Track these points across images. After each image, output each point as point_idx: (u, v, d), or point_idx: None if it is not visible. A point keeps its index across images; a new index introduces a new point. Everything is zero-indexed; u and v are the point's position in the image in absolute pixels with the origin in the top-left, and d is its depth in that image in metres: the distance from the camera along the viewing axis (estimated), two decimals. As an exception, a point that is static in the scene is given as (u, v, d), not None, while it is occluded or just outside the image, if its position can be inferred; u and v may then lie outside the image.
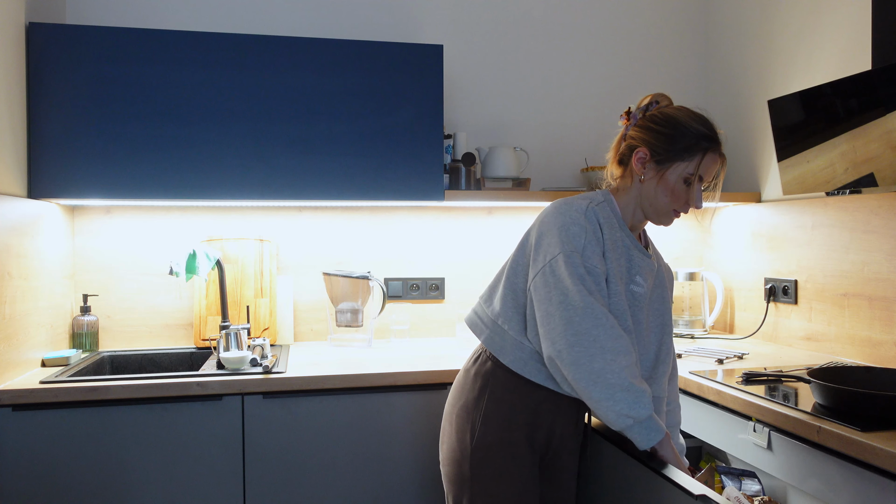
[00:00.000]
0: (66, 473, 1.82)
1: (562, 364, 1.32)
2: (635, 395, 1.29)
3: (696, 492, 1.19)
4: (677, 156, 1.45)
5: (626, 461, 1.41)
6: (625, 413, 1.29)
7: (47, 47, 2.03)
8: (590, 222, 1.42)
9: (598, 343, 1.30)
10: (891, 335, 1.97)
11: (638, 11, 2.83)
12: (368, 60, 2.23)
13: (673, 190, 1.46)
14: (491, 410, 1.46)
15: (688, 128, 1.46)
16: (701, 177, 1.46)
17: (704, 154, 1.45)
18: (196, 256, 2.17)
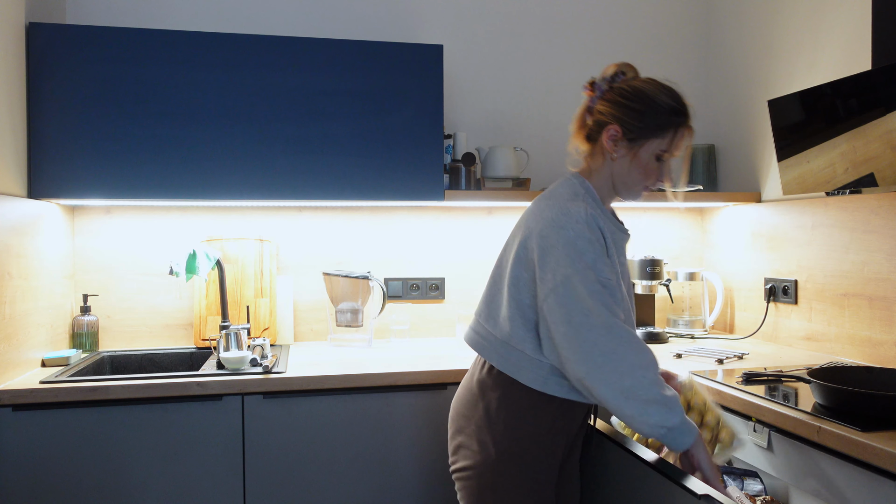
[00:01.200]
0: (66, 473, 1.82)
1: (591, 385, 1.30)
2: (667, 406, 1.28)
3: (699, 491, 1.19)
4: (650, 133, 1.42)
5: (629, 461, 1.41)
6: (658, 424, 1.28)
7: (47, 47, 2.03)
8: (593, 231, 1.37)
9: (627, 361, 1.29)
10: (891, 335, 1.97)
11: (638, 11, 2.83)
12: (368, 60, 2.23)
13: (646, 167, 1.44)
14: (512, 421, 1.44)
15: (659, 103, 1.42)
16: (674, 154, 1.45)
17: (677, 130, 1.43)
18: (196, 256, 2.17)
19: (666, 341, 2.49)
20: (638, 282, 2.56)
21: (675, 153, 1.44)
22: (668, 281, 2.61)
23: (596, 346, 1.29)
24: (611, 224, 1.48)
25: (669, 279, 2.63)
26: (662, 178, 1.46)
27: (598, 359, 1.29)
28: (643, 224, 2.83)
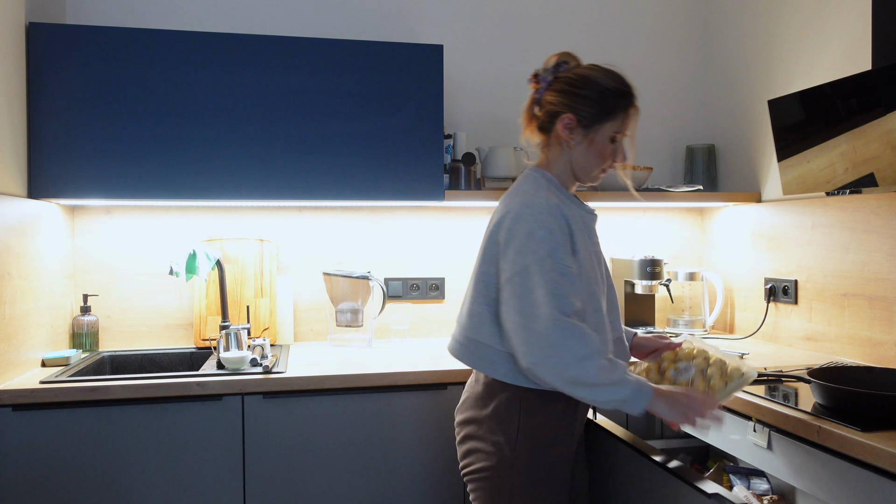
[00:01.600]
0: (66, 473, 1.82)
1: (539, 374, 1.35)
2: (614, 385, 1.33)
3: (709, 490, 1.19)
4: (603, 117, 1.47)
5: (639, 462, 1.41)
6: (608, 400, 1.33)
7: (47, 47, 2.03)
8: (555, 220, 1.41)
9: (572, 352, 1.32)
10: (891, 335, 1.97)
11: (638, 11, 2.83)
12: (368, 60, 2.23)
13: (602, 150, 1.49)
14: (526, 420, 1.45)
15: (608, 88, 1.49)
16: (627, 133, 1.51)
17: (626, 111, 1.49)
18: (196, 256, 2.17)
19: (666, 341, 2.49)
20: (638, 282, 2.56)
21: (626, 133, 1.51)
22: (668, 281, 2.61)
23: (542, 338, 1.33)
24: (577, 209, 1.53)
25: (669, 279, 2.63)
26: (617, 157, 1.52)
27: (545, 350, 1.33)
28: (643, 224, 2.83)
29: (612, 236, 2.80)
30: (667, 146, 2.87)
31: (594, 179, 1.55)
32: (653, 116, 2.85)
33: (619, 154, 1.51)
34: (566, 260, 1.38)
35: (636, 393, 1.33)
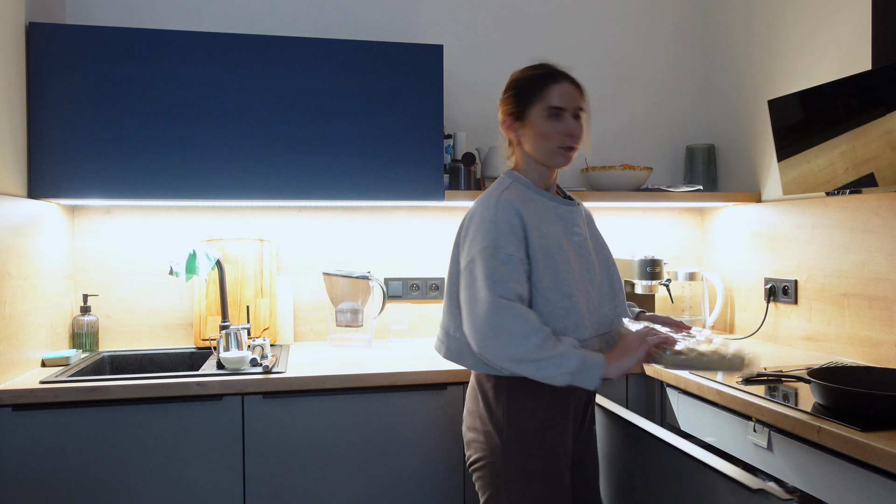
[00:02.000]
0: (66, 473, 1.82)
1: (487, 356, 1.42)
2: (560, 358, 1.37)
3: (754, 486, 1.18)
4: (529, 102, 1.54)
5: (676, 457, 1.40)
6: (557, 374, 1.38)
7: (47, 47, 2.03)
8: (503, 211, 1.48)
9: (511, 331, 1.38)
10: (891, 335, 1.97)
11: (638, 11, 2.83)
12: (368, 60, 2.23)
13: (543, 131, 1.53)
14: (509, 410, 1.50)
15: (525, 77, 1.57)
16: (560, 107, 1.52)
17: (549, 86, 1.53)
18: (196, 256, 2.17)
19: (666, 341, 2.49)
20: (638, 282, 2.56)
21: (563, 104, 1.52)
22: (668, 281, 2.61)
23: (484, 321, 1.40)
24: (548, 202, 1.57)
25: (669, 279, 2.63)
26: (571, 132, 1.53)
27: (487, 332, 1.40)
28: (643, 224, 2.84)
29: (613, 236, 2.80)
30: (667, 146, 2.87)
31: (558, 159, 1.56)
32: (653, 116, 2.85)
33: (571, 129, 1.53)
34: (509, 248, 1.45)
35: (585, 364, 1.38)
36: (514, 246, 1.46)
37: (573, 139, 1.53)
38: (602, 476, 1.73)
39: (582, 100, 1.56)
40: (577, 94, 1.55)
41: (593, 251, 1.61)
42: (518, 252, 1.46)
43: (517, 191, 1.55)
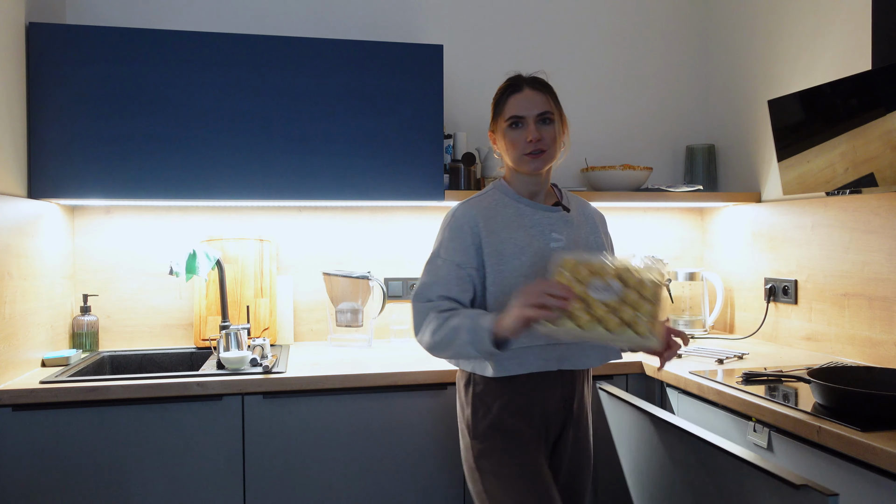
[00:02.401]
0: (66, 473, 1.82)
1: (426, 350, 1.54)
2: (452, 334, 1.45)
3: (797, 482, 1.17)
4: (497, 115, 1.61)
5: (715, 455, 1.39)
6: (464, 349, 1.44)
7: (47, 47, 2.03)
8: (457, 219, 1.57)
9: (422, 327, 1.52)
10: (891, 335, 1.97)
11: (638, 11, 2.83)
12: (368, 60, 2.23)
13: (508, 140, 1.58)
14: (473, 407, 1.57)
15: (497, 92, 1.63)
16: (518, 115, 1.55)
17: (509, 98, 1.58)
18: (196, 256, 2.17)
19: (666, 341, 2.49)
20: (638, 282, 2.56)
21: (522, 112, 1.55)
22: (668, 281, 2.61)
23: (413, 323, 1.56)
24: (521, 208, 1.60)
25: (669, 279, 2.63)
26: (532, 137, 1.54)
27: (416, 333, 1.55)
28: (643, 224, 2.84)
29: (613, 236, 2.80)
30: (667, 146, 2.87)
31: (527, 166, 1.58)
32: (653, 116, 2.85)
33: (529, 134, 1.55)
34: (450, 254, 1.54)
35: (475, 332, 1.41)
36: (457, 251, 1.54)
37: (536, 144, 1.54)
38: (636, 475, 1.73)
39: (548, 104, 1.56)
40: (541, 100, 1.56)
41: None
42: (460, 257, 1.53)
43: (492, 198, 1.61)
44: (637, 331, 1.36)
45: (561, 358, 1.56)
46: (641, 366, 2.12)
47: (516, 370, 1.52)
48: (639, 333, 1.36)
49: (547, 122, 1.56)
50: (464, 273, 1.53)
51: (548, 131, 1.55)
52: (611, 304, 1.38)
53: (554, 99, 1.59)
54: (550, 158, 1.58)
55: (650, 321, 1.37)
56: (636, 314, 1.37)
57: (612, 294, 1.38)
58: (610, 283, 1.38)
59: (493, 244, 1.53)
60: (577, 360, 1.58)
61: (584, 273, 1.39)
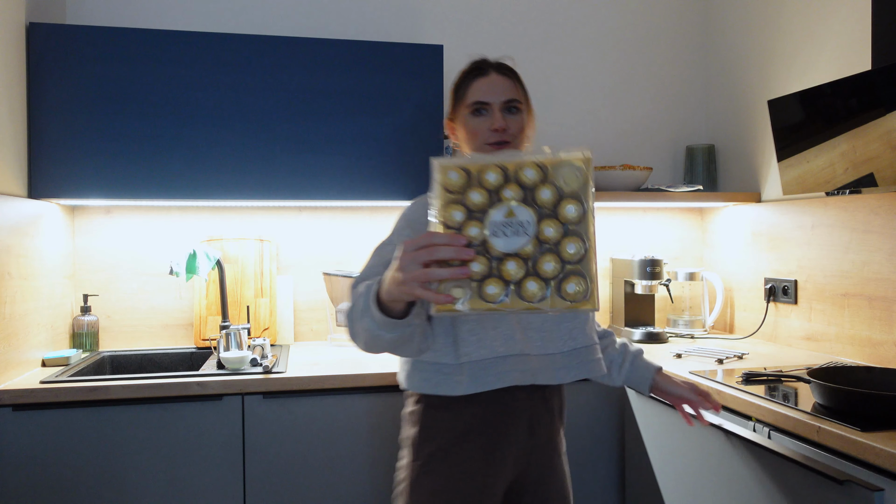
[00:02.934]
0: (66, 473, 1.82)
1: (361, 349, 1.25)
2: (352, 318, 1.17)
3: (840, 478, 1.17)
4: (458, 101, 1.45)
5: (757, 453, 1.38)
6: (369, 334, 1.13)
7: (48, 47, 2.03)
8: (411, 209, 1.39)
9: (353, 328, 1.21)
10: (891, 335, 1.97)
11: (638, 11, 2.83)
12: (368, 60, 2.23)
13: (469, 128, 1.42)
14: (426, 423, 1.36)
15: (458, 77, 1.47)
16: (483, 101, 1.39)
17: (472, 82, 1.42)
18: (196, 256, 2.17)
19: (666, 341, 2.49)
20: (638, 282, 2.56)
21: (487, 98, 1.39)
22: (667, 281, 2.61)
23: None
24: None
25: (669, 279, 2.63)
26: (497, 126, 1.38)
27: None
28: (643, 224, 2.84)
29: (613, 236, 2.80)
30: (667, 146, 2.87)
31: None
32: (653, 116, 2.85)
33: (493, 122, 1.39)
34: (400, 239, 1.31)
35: (363, 308, 1.11)
36: (408, 237, 1.29)
37: (501, 133, 1.39)
38: (667, 474, 1.69)
39: (515, 92, 1.42)
40: (508, 86, 1.41)
41: None
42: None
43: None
44: (566, 294, 0.96)
45: (534, 370, 1.33)
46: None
47: (492, 383, 1.30)
48: (568, 297, 0.96)
49: (513, 111, 1.41)
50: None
51: (514, 121, 1.41)
52: (524, 252, 0.97)
53: (521, 86, 1.45)
54: (510, 148, 1.43)
55: (582, 268, 0.97)
56: (559, 263, 0.97)
57: (519, 233, 0.97)
58: (513, 208, 0.98)
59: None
60: (547, 371, 1.35)
61: (478, 197, 0.99)
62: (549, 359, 1.35)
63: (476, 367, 1.30)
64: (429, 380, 1.34)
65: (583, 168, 0.99)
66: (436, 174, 1.01)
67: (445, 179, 1.00)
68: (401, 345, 1.14)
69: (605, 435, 2.13)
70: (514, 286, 0.97)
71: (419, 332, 1.16)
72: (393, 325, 1.08)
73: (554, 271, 0.96)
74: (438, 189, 1.00)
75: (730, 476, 1.56)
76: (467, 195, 0.99)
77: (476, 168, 1.00)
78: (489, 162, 1.00)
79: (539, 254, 0.97)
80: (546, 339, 1.37)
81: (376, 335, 1.11)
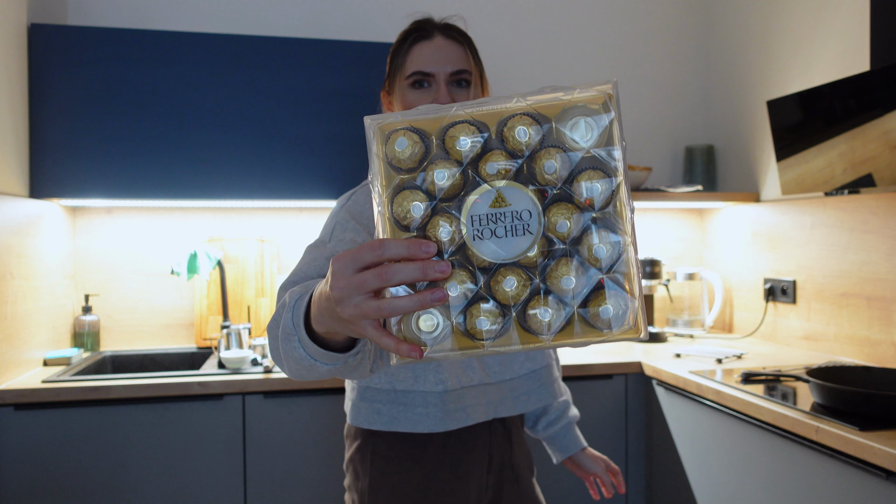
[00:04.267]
0: (67, 473, 1.82)
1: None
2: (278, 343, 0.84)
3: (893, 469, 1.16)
4: (396, 70, 1.18)
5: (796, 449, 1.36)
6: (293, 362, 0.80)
7: (49, 48, 2.04)
8: (342, 208, 1.13)
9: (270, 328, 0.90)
10: (889, 335, 1.97)
11: (638, 11, 2.84)
12: (369, 61, 2.24)
13: (408, 104, 1.16)
14: (377, 475, 1.16)
15: (397, 39, 1.20)
16: (424, 72, 1.14)
17: (413, 47, 1.16)
18: (197, 256, 2.18)
19: (665, 341, 2.50)
20: (637, 282, 2.56)
21: (430, 69, 1.14)
22: (667, 281, 2.62)
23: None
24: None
25: (668, 279, 2.63)
26: (440, 101, 1.15)
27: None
28: (643, 224, 2.84)
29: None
30: (666, 146, 2.88)
31: None
32: (653, 116, 2.86)
33: (439, 97, 1.14)
34: (345, 238, 1.06)
35: (290, 329, 0.77)
36: (353, 233, 1.08)
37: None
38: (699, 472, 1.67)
39: (465, 61, 1.16)
40: (457, 54, 1.15)
41: None
42: (353, 238, 1.07)
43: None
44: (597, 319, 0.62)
45: (495, 402, 1.15)
46: (640, 366, 2.13)
47: (462, 419, 1.11)
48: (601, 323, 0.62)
49: (462, 85, 1.15)
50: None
51: (462, 96, 1.15)
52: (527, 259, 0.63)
53: (473, 54, 1.18)
54: None
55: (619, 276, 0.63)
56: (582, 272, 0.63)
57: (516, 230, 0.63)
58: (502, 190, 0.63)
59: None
60: (507, 400, 1.17)
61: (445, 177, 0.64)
62: (508, 385, 1.18)
63: (445, 398, 1.10)
64: (381, 413, 1.12)
65: (602, 115, 0.64)
66: (373, 144, 0.65)
67: (391, 151, 0.64)
68: (346, 373, 0.80)
69: (632, 432, 2.13)
70: (517, 312, 0.64)
71: (371, 351, 0.81)
72: (332, 357, 0.76)
73: (576, 286, 0.63)
74: (381, 166, 0.65)
75: (759, 471, 1.56)
76: (428, 175, 0.64)
77: (435, 129, 0.65)
78: (455, 117, 0.65)
79: (550, 260, 0.64)
80: (503, 361, 1.18)
81: (309, 365, 0.77)
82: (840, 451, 1.38)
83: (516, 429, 1.26)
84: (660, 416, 2.07)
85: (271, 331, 0.86)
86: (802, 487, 1.50)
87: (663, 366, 2.03)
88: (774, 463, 1.59)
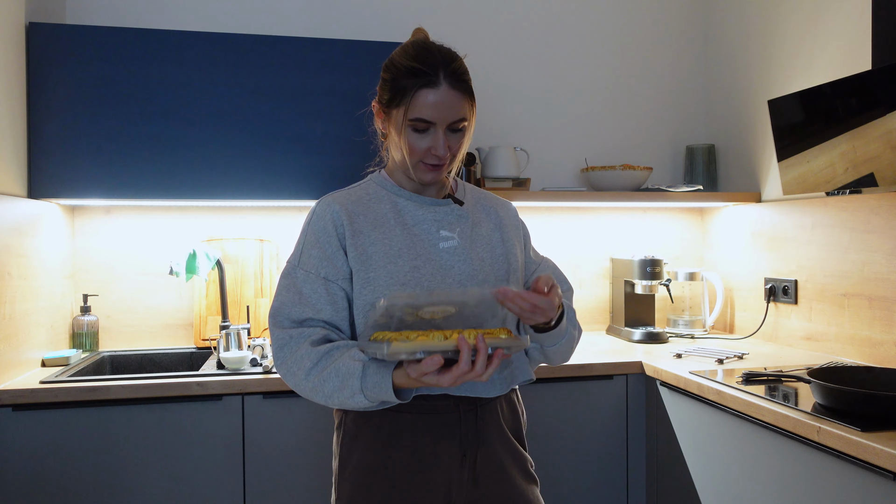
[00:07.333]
0: (66, 473, 1.82)
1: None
2: (341, 383, 1.14)
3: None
4: (394, 101, 1.24)
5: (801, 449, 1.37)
6: (349, 399, 1.15)
7: (47, 47, 2.03)
8: (318, 217, 1.27)
9: (288, 365, 1.20)
10: (891, 335, 1.97)
11: (638, 11, 2.83)
12: (369, 60, 2.23)
13: (408, 142, 1.23)
14: (346, 454, 1.28)
15: (399, 66, 1.24)
16: (428, 121, 1.21)
17: (421, 92, 1.20)
18: (196, 256, 2.17)
19: (666, 341, 2.49)
20: (638, 282, 2.56)
21: (433, 118, 1.21)
22: (668, 281, 2.61)
23: (273, 349, 1.23)
24: (401, 202, 1.30)
25: (669, 279, 2.63)
26: (437, 150, 1.23)
27: (279, 369, 1.22)
28: (643, 224, 2.84)
29: (613, 236, 2.80)
30: (667, 146, 2.87)
31: (422, 175, 1.27)
32: (653, 116, 2.85)
33: (434, 145, 1.22)
34: (316, 264, 1.23)
35: (377, 384, 1.11)
36: (321, 260, 1.23)
37: (441, 158, 1.24)
38: (705, 474, 1.68)
39: (465, 109, 1.23)
40: (459, 105, 1.22)
41: (477, 259, 1.28)
42: (326, 268, 1.23)
43: (364, 190, 1.33)
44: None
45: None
46: (641, 366, 2.12)
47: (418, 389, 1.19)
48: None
49: (457, 131, 1.24)
50: (335, 288, 1.23)
51: (456, 141, 1.25)
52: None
53: (471, 99, 1.25)
54: (448, 169, 1.28)
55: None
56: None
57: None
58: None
59: (358, 246, 1.23)
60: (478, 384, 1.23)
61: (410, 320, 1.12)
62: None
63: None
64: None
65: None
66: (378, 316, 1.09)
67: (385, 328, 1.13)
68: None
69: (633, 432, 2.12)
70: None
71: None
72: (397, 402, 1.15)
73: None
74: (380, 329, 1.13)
75: (765, 472, 1.56)
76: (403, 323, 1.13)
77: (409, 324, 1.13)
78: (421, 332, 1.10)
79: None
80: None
81: (364, 406, 1.17)
82: (842, 452, 1.38)
83: (495, 426, 1.28)
84: (663, 417, 2.07)
85: (311, 376, 1.17)
86: (805, 488, 1.50)
87: (664, 366, 2.02)
88: (777, 463, 1.58)
